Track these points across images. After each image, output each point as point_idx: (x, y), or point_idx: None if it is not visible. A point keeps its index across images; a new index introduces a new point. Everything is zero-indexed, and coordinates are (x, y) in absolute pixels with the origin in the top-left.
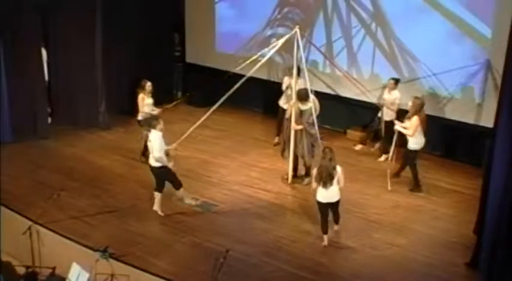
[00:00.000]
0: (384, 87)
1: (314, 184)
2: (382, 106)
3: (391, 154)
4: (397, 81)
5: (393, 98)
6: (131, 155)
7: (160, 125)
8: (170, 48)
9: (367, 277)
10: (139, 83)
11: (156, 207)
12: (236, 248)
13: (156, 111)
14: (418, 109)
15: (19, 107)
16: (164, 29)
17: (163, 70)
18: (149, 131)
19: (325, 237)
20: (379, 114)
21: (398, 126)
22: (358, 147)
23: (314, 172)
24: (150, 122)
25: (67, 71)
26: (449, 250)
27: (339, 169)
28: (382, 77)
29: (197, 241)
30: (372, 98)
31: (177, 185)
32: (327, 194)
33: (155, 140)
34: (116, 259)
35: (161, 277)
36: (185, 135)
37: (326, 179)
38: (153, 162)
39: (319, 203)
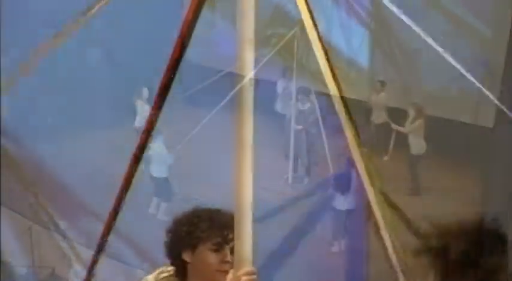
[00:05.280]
0: (373, 89)
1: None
2: (371, 108)
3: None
4: (383, 83)
5: (380, 100)
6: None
7: (164, 135)
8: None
9: (367, 278)
10: (136, 90)
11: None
12: None
13: None
14: (420, 114)
15: None
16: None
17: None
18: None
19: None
20: (371, 118)
21: (395, 126)
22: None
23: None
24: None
25: None
26: None
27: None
28: (381, 76)
29: None
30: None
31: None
32: (344, 201)
33: (161, 149)
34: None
35: None
36: (188, 136)
37: (343, 186)
38: (155, 172)
39: (336, 211)
